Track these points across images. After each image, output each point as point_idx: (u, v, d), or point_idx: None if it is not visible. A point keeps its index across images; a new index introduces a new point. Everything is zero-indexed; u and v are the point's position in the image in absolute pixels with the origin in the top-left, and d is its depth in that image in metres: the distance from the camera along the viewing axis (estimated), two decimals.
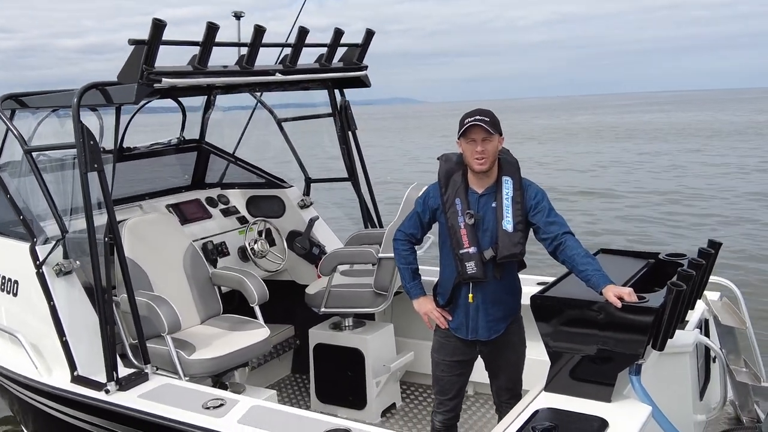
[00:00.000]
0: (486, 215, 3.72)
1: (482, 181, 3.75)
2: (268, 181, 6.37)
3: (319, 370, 5.53)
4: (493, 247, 3.69)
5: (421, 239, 4.00)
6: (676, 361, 4.07)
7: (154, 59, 3.88)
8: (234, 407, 3.61)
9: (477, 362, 4.09)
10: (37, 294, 4.26)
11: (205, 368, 4.33)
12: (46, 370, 4.26)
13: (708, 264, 3.79)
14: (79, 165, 3.91)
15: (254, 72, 4.53)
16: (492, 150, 3.66)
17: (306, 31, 4.74)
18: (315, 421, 3.45)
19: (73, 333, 4.17)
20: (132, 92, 3.89)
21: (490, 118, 3.65)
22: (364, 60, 5.51)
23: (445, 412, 4.05)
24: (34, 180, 4.34)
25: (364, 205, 6.09)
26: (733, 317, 4.48)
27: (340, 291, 5.32)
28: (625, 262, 3.99)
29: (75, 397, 4.00)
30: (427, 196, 3.88)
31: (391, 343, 5.54)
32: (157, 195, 5.97)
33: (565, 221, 3.67)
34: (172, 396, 3.84)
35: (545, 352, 3.45)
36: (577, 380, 3.38)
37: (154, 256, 4.80)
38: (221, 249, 5.79)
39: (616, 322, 3.21)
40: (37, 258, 4.27)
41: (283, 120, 6.29)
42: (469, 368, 4.03)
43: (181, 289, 4.85)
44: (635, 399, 3.33)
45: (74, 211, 4.28)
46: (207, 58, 4.16)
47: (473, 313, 3.82)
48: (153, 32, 3.81)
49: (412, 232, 3.94)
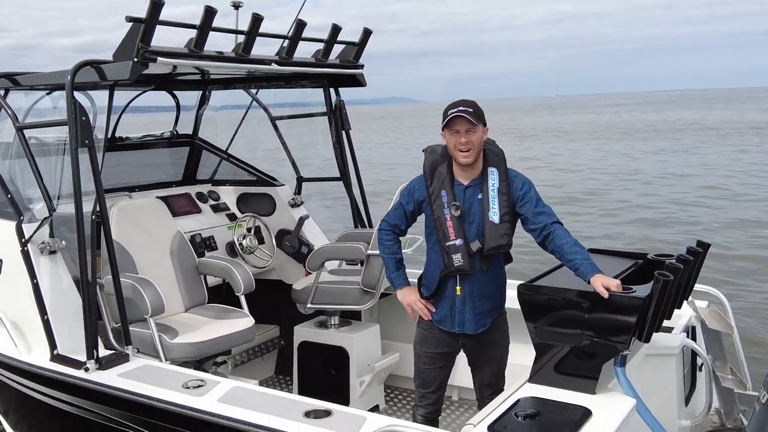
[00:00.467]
0: (472, 207, 3.72)
1: (468, 173, 3.75)
2: (260, 178, 6.38)
3: (302, 368, 5.50)
4: (479, 239, 3.69)
5: (405, 231, 3.99)
6: (662, 363, 4.07)
7: (150, 38, 3.90)
8: (214, 387, 3.57)
9: (462, 366, 4.08)
10: (21, 272, 4.23)
11: (187, 353, 4.30)
12: (26, 349, 4.22)
13: (696, 262, 3.80)
14: (70, 141, 3.91)
15: (250, 60, 4.55)
16: (476, 141, 3.66)
17: (303, 24, 4.78)
18: (296, 402, 3.43)
19: (55, 312, 4.14)
20: (127, 69, 3.89)
21: (473, 109, 3.66)
22: (360, 59, 5.54)
23: (427, 405, 4.02)
24: (24, 160, 4.34)
25: (354, 204, 6.09)
26: (720, 323, 4.49)
27: (327, 287, 5.30)
28: (614, 262, 4.00)
29: (53, 375, 3.96)
30: (413, 188, 3.87)
31: (377, 344, 5.52)
32: (147, 188, 5.96)
33: (553, 211, 3.67)
34: (152, 376, 3.80)
35: (527, 354, 3.44)
36: (562, 372, 3.36)
37: (141, 241, 4.78)
38: (209, 243, 5.78)
39: (603, 312, 3.21)
40: (23, 235, 4.25)
41: (277, 118, 6.30)
42: (451, 361, 4.01)
43: (166, 276, 4.83)
44: (620, 392, 3.32)
45: (63, 191, 4.27)
46: (203, 41, 4.18)
47: (460, 305, 3.81)
48: (151, 10, 3.83)
49: (396, 222, 3.93)
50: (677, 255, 3.65)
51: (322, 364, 5.37)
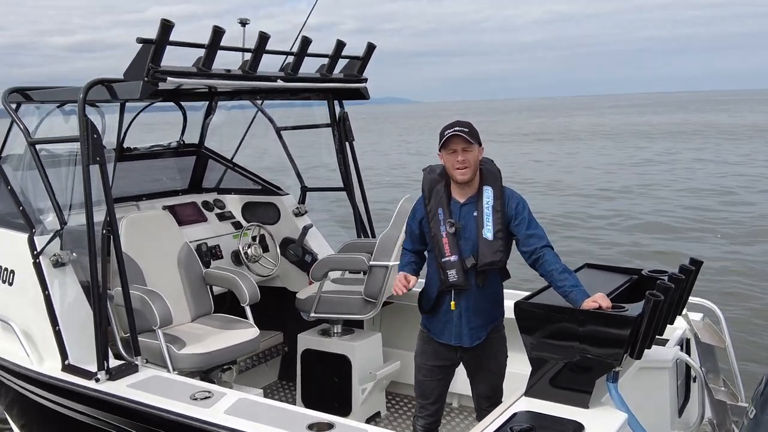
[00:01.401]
0: (467, 224, 3.87)
1: (464, 191, 3.90)
2: (265, 187, 6.52)
3: (305, 376, 5.64)
4: (474, 255, 3.83)
5: (420, 251, 4.09)
6: (655, 376, 4.21)
7: (160, 58, 4.05)
8: (221, 399, 3.73)
9: (463, 374, 4.23)
10: (33, 284, 4.38)
11: (194, 363, 4.46)
12: (38, 359, 4.37)
13: (688, 280, 3.94)
14: (82, 157, 4.06)
15: (256, 77, 4.70)
16: (472, 159, 3.81)
17: (309, 41, 4.92)
18: (300, 415, 3.58)
19: (66, 323, 4.29)
20: (137, 89, 4.04)
21: (468, 129, 3.82)
22: (364, 73, 5.69)
23: (427, 416, 4.17)
24: (35, 173, 4.47)
25: (357, 214, 6.24)
26: (713, 336, 4.62)
27: (330, 297, 5.45)
28: (610, 277, 4.14)
29: (64, 384, 4.11)
30: (415, 209, 4.05)
31: (379, 352, 5.66)
32: (154, 197, 6.12)
33: (545, 233, 3.83)
34: (160, 387, 3.95)
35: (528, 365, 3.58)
36: (557, 386, 3.50)
37: (149, 253, 4.94)
38: (215, 252, 5.93)
39: (596, 329, 3.36)
40: (34, 248, 4.40)
41: (282, 128, 6.45)
42: (450, 373, 4.16)
43: (174, 286, 4.98)
44: (612, 407, 3.46)
45: (74, 204, 4.42)
46: (212, 60, 4.33)
47: (456, 320, 3.95)
48: (161, 32, 3.98)
49: (409, 247, 4.10)
50: (670, 273, 3.80)
51: (324, 371, 5.52)
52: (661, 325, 3.77)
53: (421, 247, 4.06)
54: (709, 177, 24.76)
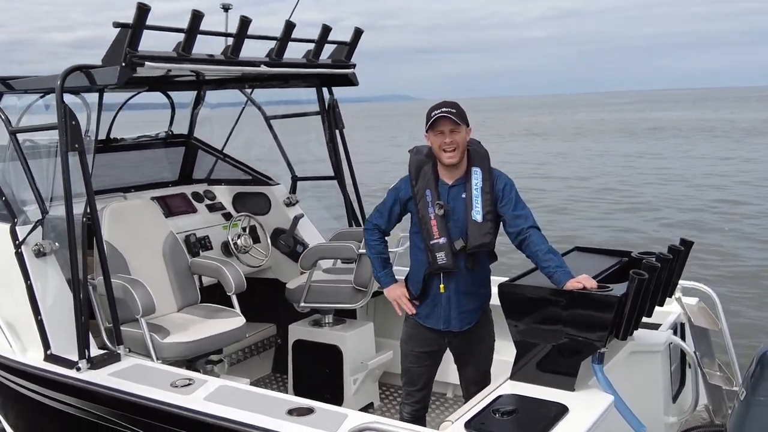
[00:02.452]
0: (456, 206, 3.84)
1: (452, 173, 3.87)
2: (255, 178, 6.51)
3: (297, 367, 5.63)
4: (463, 238, 3.81)
5: (388, 231, 4.11)
6: (647, 359, 4.17)
7: (137, 43, 4.02)
8: (202, 386, 3.71)
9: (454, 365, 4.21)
10: (16, 274, 4.37)
11: (178, 352, 4.44)
12: (22, 350, 4.36)
13: (677, 260, 3.89)
14: (60, 145, 4.04)
15: (239, 62, 4.67)
16: (460, 140, 3.79)
17: (293, 25, 4.89)
18: (281, 400, 3.55)
19: (49, 312, 4.28)
20: (115, 74, 4.02)
21: (456, 110, 3.79)
22: (352, 59, 5.65)
23: (414, 403, 4.14)
24: (18, 163, 4.48)
25: (349, 203, 6.22)
26: (706, 319, 4.58)
27: (319, 286, 5.43)
28: (599, 260, 4.10)
29: (46, 374, 4.10)
30: (399, 188, 4.00)
31: (371, 342, 5.63)
32: (144, 188, 6.11)
33: (532, 214, 3.80)
34: (142, 375, 3.94)
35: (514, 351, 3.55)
36: (542, 369, 3.47)
37: (133, 242, 4.92)
38: (204, 242, 5.92)
39: (580, 310, 3.32)
40: (16, 238, 4.39)
41: (272, 117, 6.43)
42: (437, 360, 4.13)
43: (159, 276, 4.97)
44: (599, 389, 3.43)
45: (56, 194, 4.41)
46: (191, 45, 4.30)
47: (445, 303, 3.92)
48: (137, 16, 3.95)
49: (378, 223, 4.06)
50: (657, 253, 3.75)
51: (315, 362, 5.50)
52: (649, 307, 3.73)
53: (391, 226, 4.06)
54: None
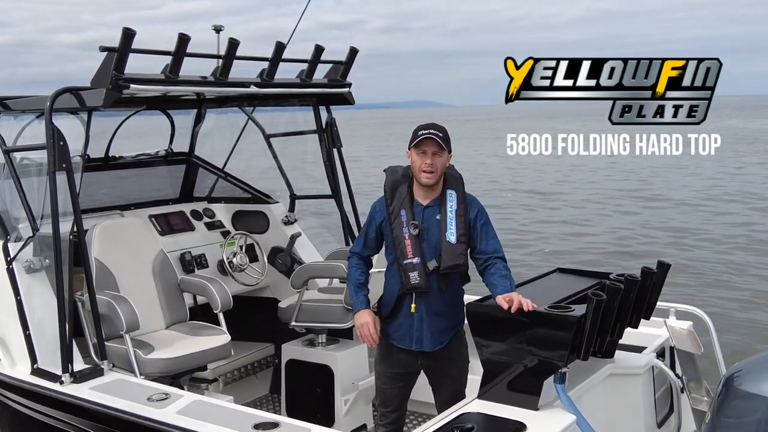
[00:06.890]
0: (430, 227, 4.07)
1: (427, 194, 4.11)
2: (255, 196, 6.80)
3: (290, 387, 5.84)
4: (436, 258, 4.03)
5: (368, 256, 4.31)
6: (627, 382, 4.33)
7: (123, 66, 4.36)
8: (177, 401, 3.99)
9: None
10: (6, 289, 4.71)
11: (160, 368, 4.72)
12: (10, 363, 4.69)
13: (651, 283, 4.07)
14: (48, 164, 4.39)
15: (227, 83, 4.98)
16: (440, 165, 4.03)
17: (283, 46, 5.20)
18: (248, 415, 3.82)
19: (36, 327, 4.60)
20: (101, 97, 4.37)
21: (443, 134, 4.04)
22: (347, 78, 5.95)
23: (388, 425, 4.35)
24: (11, 181, 4.84)
25: (346, 221, 6.47)
26: (692, 343, 4.71)
27: (310, 305, 5.67)
28: (578, 281, 4.31)
29: (31, 387, 4.43)
30: (374, 210, 4.24)
31: (364, 362, 5.83)
32: (142, 206, 6.44)
33: (500, 244, 4.07)
34: (122, 390, 4.23)
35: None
36: (508, 388, 3.68)
37: (123, 259, 5.23)
38: (200, 260, 6.20)
39: (542, 329, 3.53)
40: (8, 254, 4.74)
41: (271, 135, 6.73)
42: (411, 382, 4.33)
43: (148, 293, 5.26)
44: (563, 409, 3.62)
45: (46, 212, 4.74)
46: (178, 67, 4.62)
47: (417, 323, 4.13)
48: (123, 40, 4.29)
49: (357, 250, 4.29)
50: (626, 275, 3.94)
51: (308, 382, 5.72)
52: (619, 328, 3.92)
53: (372, 252, 4.28)
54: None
